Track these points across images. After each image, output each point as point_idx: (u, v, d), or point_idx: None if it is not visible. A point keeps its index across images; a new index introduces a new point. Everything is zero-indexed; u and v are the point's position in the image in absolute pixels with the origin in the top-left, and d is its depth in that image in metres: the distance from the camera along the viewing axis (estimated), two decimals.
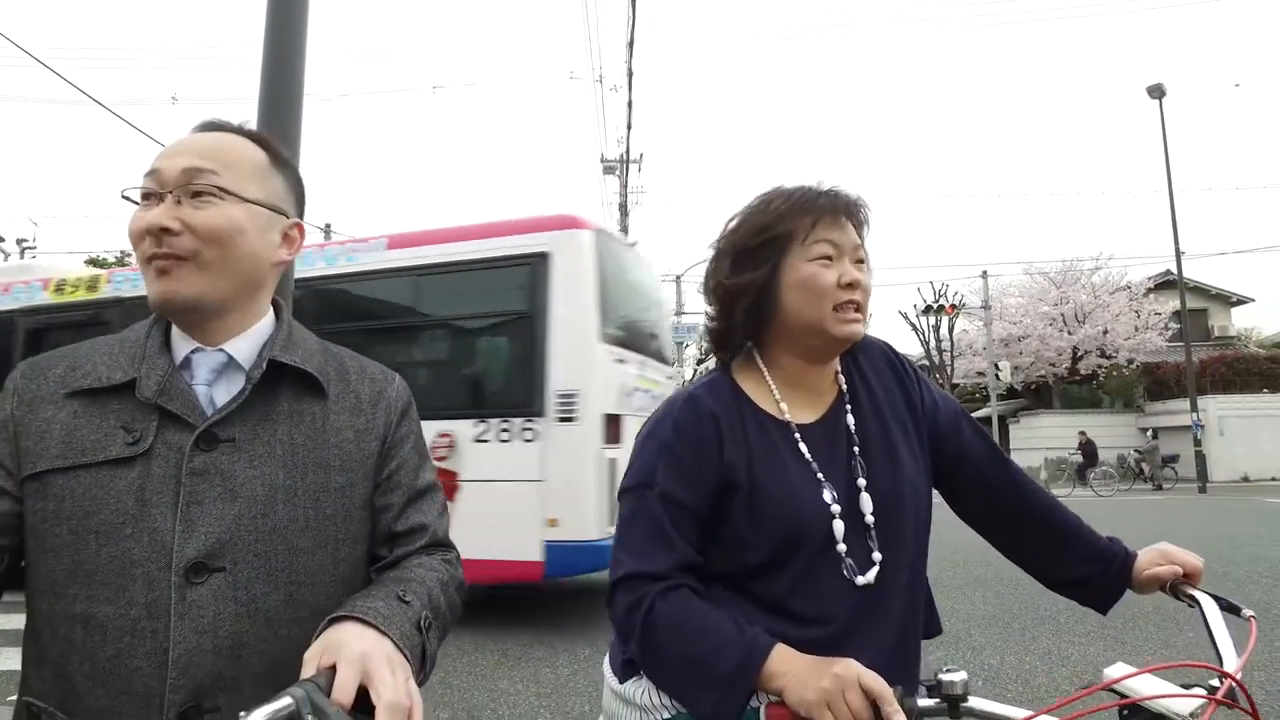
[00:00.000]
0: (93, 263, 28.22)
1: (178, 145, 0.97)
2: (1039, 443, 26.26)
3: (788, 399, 1.14)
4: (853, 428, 1.14)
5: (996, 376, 24.82)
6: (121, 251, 27.81)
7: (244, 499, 0.90)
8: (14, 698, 0.97)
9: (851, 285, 1.09)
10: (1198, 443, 19.63)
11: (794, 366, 1.15)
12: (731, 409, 1.11)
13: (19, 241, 22.24)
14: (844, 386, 1.17)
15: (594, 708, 3.80)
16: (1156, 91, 19.79)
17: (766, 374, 1.15)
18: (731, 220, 1.18)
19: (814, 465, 1.09)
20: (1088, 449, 21.04)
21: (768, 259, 1.12)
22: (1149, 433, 23.15)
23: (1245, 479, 22.66)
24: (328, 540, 0.95)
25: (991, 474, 1.24)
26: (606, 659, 1.21)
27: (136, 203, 0.95)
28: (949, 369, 28.48)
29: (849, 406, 1.16)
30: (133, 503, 0.87)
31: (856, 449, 1.12)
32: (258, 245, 0.97)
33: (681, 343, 25.89)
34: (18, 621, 0.94)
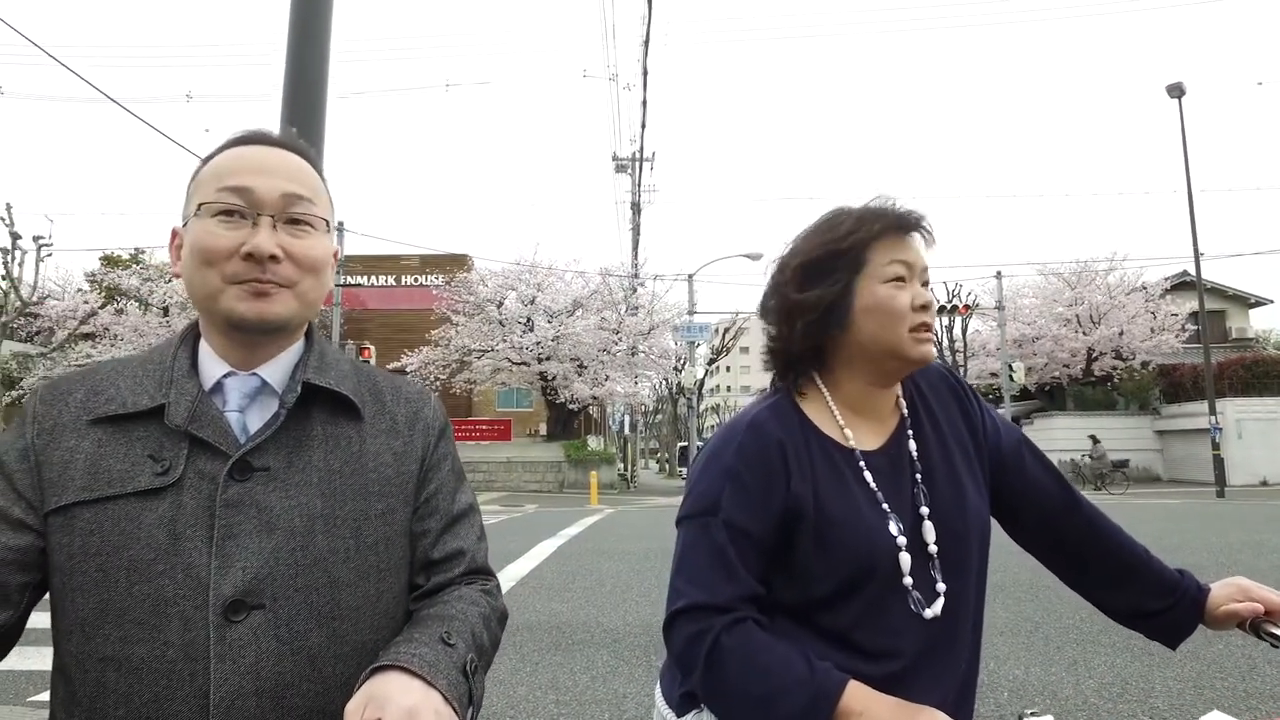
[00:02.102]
0: (107, 260, 28.41)
1: (258, 163, 0.92)
2: (1053, 445, 26.05)
3: (851, 424, 1.10)
4: (915, 454, 1.10)
5: (1010, 377, 24.63)
6: (135, 248, 27.99)
7: (282, 530, 0.85)
8: (35, 698, 0.92)
9: (925, 306, 1.06)
10: (1216, 446, 19.42)
11: (858, 389, 1.11)
12: (796, 435, 1.07)
13: (36, 239, 22.35)
14: (905, 411, 1.13)
15: (613, 717, 3.76)
16: (1176, 90, 19.57)
17: (829, 398, 1.11)
18: (795, 239, 1.14)
19: (880, 495, 1.06)
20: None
21: (839, 278, 1.08)
22: (1090, 438, 23.20)
23: (1264, 483, 22.43)
24: (370, 571, 0.90)
25: (1055, 502, 1.19)
26: (659, 691, 1.17)
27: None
28: (962, 370, 28.28)
29: (910, 432, 1.12)
30: (164, 537, 0.82)
31: (919, 476, 1.09)
32: (331, 278, 0.97)
33: (694, 342, 25.88)
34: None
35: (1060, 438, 26.27)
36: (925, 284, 1.09)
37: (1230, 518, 12.70)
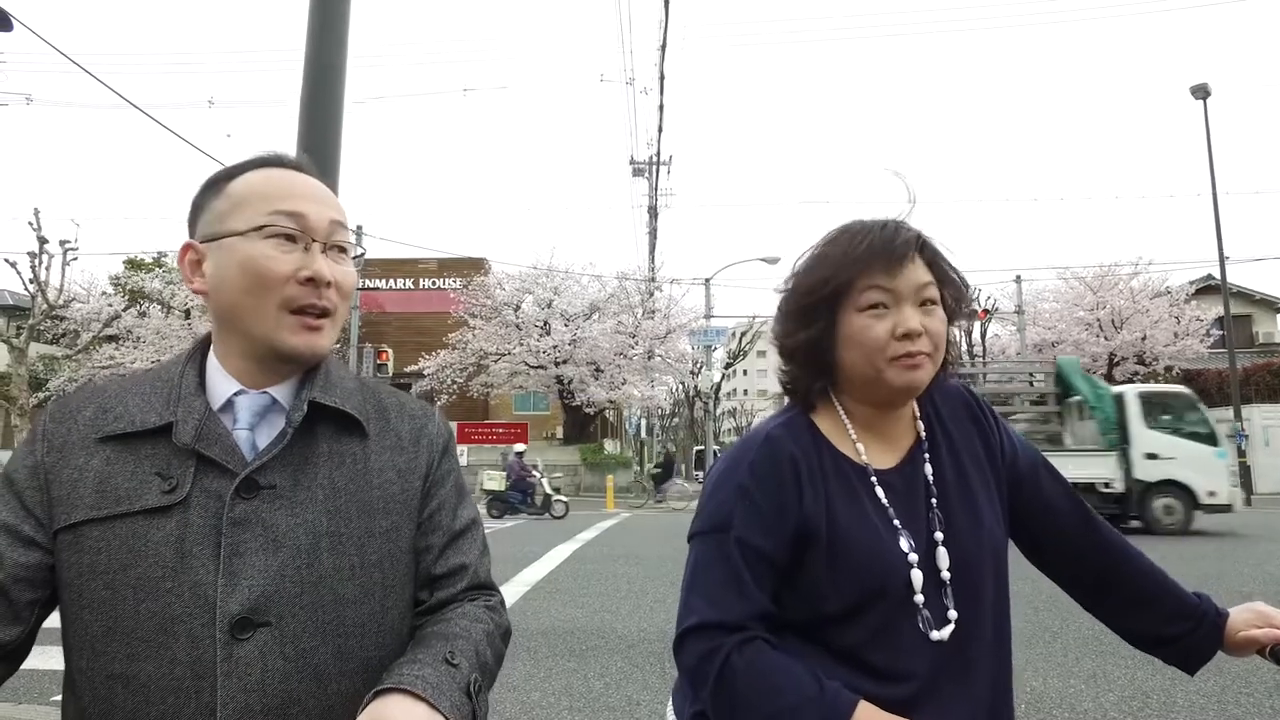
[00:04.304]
0: (131, 264, 28.82)
1: (308, 190, 0.94)
2: None
3: (865, 441, 1.09)
4: (930, 478, 1.08)
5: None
6: (158, 252, 28.37)
7: (288, 548, 0.86)
8: (59, 697, 0.94)
9: (907, 335, 1.01)
10: (1242, 453, 19.09)
11: (866, 411, 1.10)
12: (810, 451, 1.06)
13: (62, 243, 22.69)
14: (922, 433, 1.12)
15: None
16: (1201, 92, 19.32)
17: (843, 414, 1.11)
18: (794, 266, 1.13)
19: (891, 513, 1.05)
20: (667, 461, 20.68)
21: (821, 315, 1.07)
22: None
23: None
24: (374, 588, 0.91)
25: (1072, 524, 1.17)
26: (670, 710, 1.17)
27: (237, 233, 0.90)
28: (967, 359, 28.01)
29: (927, 455, 1.10)
30: (172, 555, 0.83)
31: (934, 500, 1.07)
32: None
33: (710, 346, 25.84)
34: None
35: None
36: (927, 303, 1.04)
37: (1257, 527, 12.47)
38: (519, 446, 18.01)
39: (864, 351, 1.03)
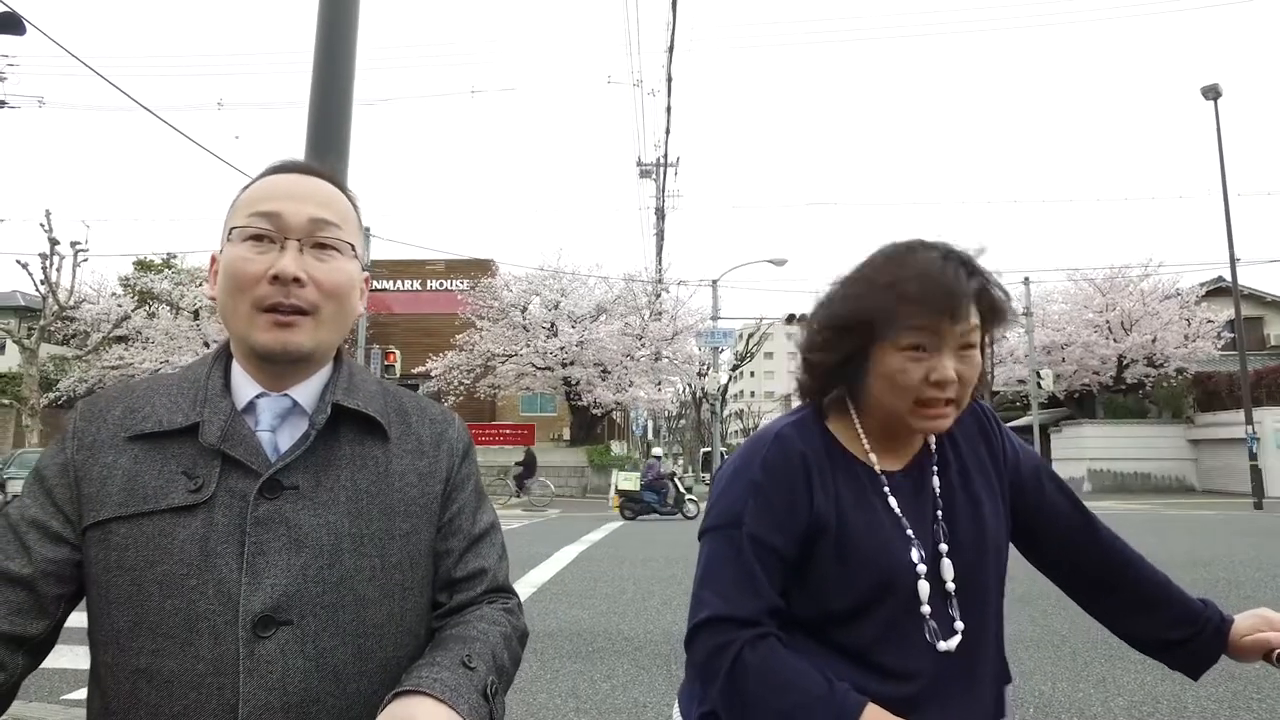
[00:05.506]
0: (141, 265, 29.00)
1: (288, 189, 0.94)
2: (1081, 453, 25.65)
3: (874, 445, 1.10)
4: (938, 490, 1.10)
5: (1038, 385, 24.27)
6: (168, 254, 28.55)
7: (310, 549, 0.87)
8: (69, 695, 0.95)
9: (939, 383, 1.00)
10: (1253, 456, 18.98)
11: (879, 424, 1.11)
12: (820, 450, 1.08)
13: (73, 244, 22.86)
14: (932, 445, 1.13)
15: None
16: (1211, 92, 19.22)
17: (856, 420, 1.12)
18: (836, 282, 1.11)
19: (904, 521, 1.06)
20: (529, 459, 21.86)
21: (856, 342, 1.04)
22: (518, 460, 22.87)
23: None
24: (394, 589, 0.92)
25: (1074, 530, 1.18)
26: (676, 711, 1.18)
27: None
28: (988, 377, 27.92)
29: (936, 467, 1.12)
30: (197, 553, 0.85)
31: (940, 512, 1.09)
32: (357, 302, 0.98)
33: (718, 348, 25.82)
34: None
35: (1090, 446, 25.85)
36: (969, 347, 1.02)
37: (1269, 531, 12.38)
38: (658, 450, 19.53)
39: (894, 390, 1.02)
